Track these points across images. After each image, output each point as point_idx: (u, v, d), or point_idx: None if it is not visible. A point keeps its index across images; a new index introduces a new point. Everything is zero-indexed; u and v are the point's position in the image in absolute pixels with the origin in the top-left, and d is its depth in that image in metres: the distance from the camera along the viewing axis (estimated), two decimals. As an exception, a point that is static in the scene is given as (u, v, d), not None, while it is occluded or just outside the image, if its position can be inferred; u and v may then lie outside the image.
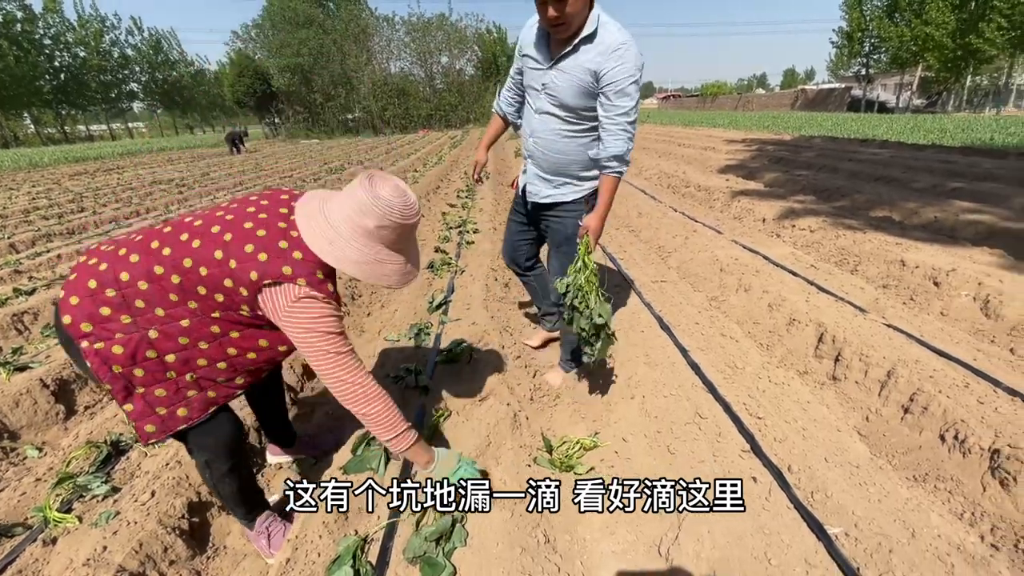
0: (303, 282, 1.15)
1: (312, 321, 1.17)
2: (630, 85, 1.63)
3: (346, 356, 1.23)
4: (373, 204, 1.15)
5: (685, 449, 1.72)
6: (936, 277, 3.12)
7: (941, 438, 1.80)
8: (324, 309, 1.18)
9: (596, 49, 1.64)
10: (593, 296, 1.84)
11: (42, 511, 1.60)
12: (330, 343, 1.20)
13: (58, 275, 4.29)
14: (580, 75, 1.68)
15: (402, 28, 34.53)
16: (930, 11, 26.15)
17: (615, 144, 1.71)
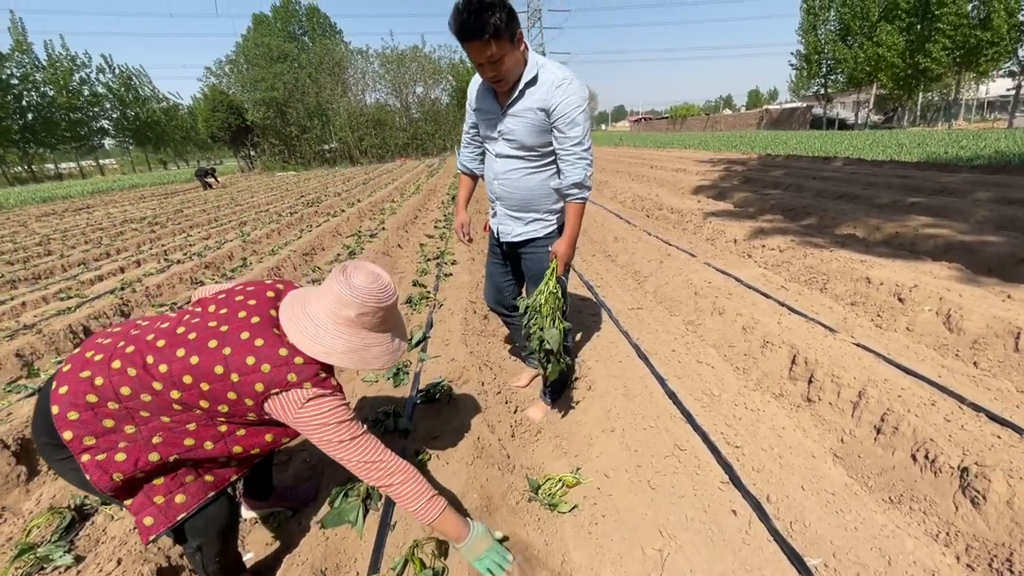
0: (309, 385, 1.18)
1: (324, 417, 1.20)
2: (579, 115, 1.72)
3: (361, 439, 1.26)
4: (350, 295, 1.19)
5: (666, 483, 1.73)
6: (900, 293, 3.22)
7: (913, 458, 1.84)
8: (332, 403, 1.21)
9: (541, 89, 1.73)
10: (548, 321, 1.91)
11: (-1, 588, 1.52)
12: (344, 432, 1.22)
13: (21, 324, 4.15)
14: (532, 116, 1.76)
15: (376, 60, 35.10)
16: (880, 33, 27.65)
17: (574, 172, 1.79)
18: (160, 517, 1.21)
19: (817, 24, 32.43)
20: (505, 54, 1.60)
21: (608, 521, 1.69)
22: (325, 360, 1.22)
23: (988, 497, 1.58)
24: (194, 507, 1.25)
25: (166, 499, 1.21)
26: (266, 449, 1.32)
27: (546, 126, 1.77)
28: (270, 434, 1.30)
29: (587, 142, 1.77)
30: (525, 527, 1.69)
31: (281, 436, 1.32)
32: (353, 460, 1.25)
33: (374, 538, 1.62)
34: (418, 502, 1.30)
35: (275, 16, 41.22)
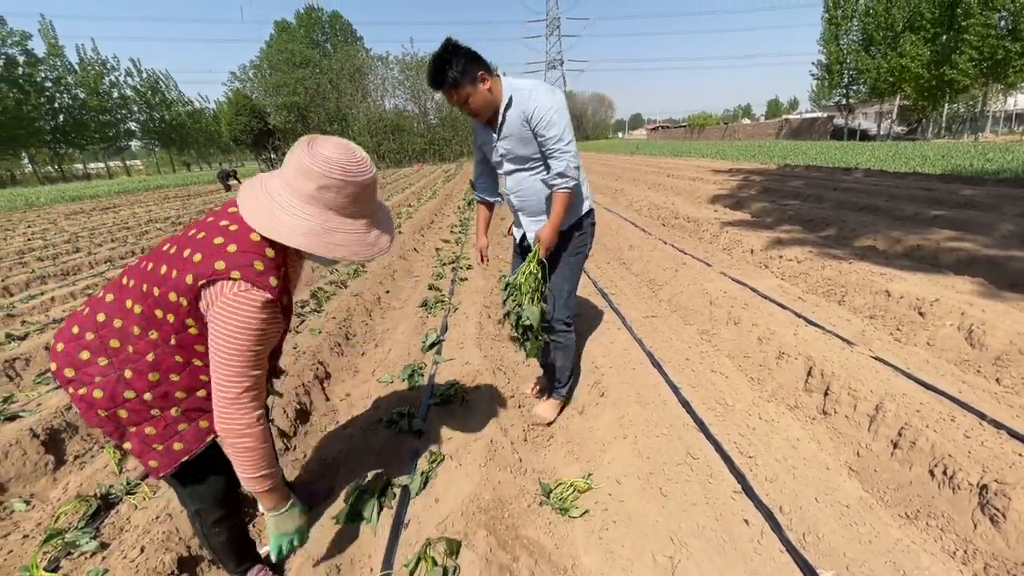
0: (237, 275, 1.05)
1: (238, 322, 1.06)
2: (552, 115, 1.87)
3: (246, 380, 1.10)
4: (311, 164, 1.03)
5: (677, 491, 1.73)
6: (920, 307, 3.17)
7: (931, 474, 1.82)
8: (255, 314, 1.06)
9: (517, 108, 1.93)
10: (527, 299, 2.10)
11: (28, 571, 1.57)
12: (242, 362, 1.08)
13: (51, 319, 4.29)
14: (518, 129, 1.96)
15: (396, 67, 35.55)
16: (904, 44, 27.24)
17: (557, 164, 1.94)
18: (163, 460, 1.20)
19: (839, 34, 32.06)
20: (469, 95, 1.85)
21: (619, 527, 1.69)
22: (277, 238, 1.07)
23: (1008, 515, 1.55)
24: (194, 450, 1.22)
25: (164, 446, 1.20)
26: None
27: (531, 135, 1.95)
28: None
29: (566, 137, 1.91)
30: (536, 530, 1.70)
31: None
32: (226, 400, 1.09)
33: (387, 535, 1.65)
34: (247, 473, 1.17)
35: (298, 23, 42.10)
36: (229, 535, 1.42)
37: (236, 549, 1.47)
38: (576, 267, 2.27)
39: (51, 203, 18.18)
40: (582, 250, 2.25)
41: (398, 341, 3.43)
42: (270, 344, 1.15)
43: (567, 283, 2.25)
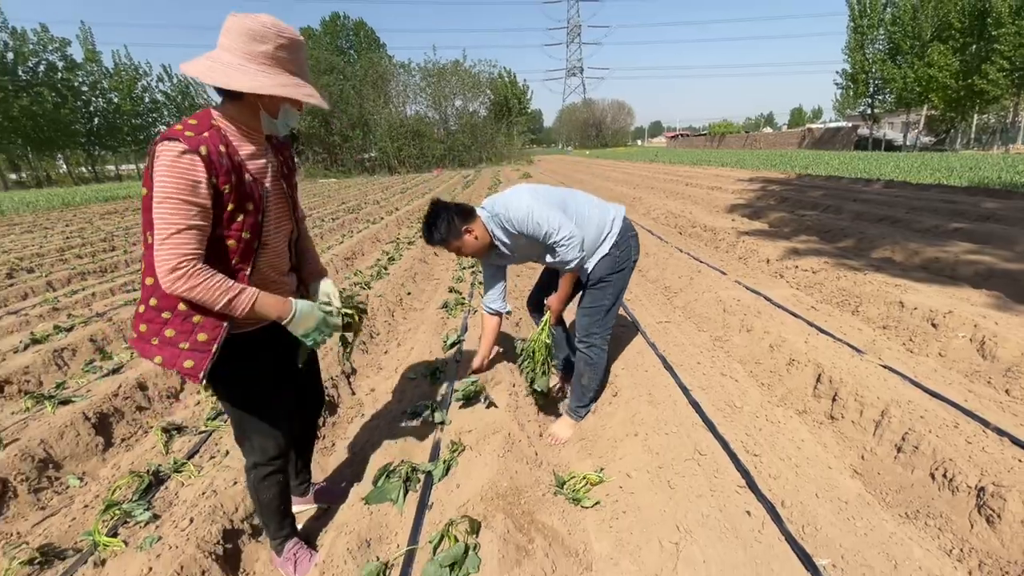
0: (170, 134, 1.16)
1: (162, 170, 1.13)
2: (531, 224, 2.03)
3: (182, 232, 1.16)
4: (264, 29, 1.18)
5: (684, 484, 1.83)
6: (934, 319, 3.21)
7: (931, 476, 1.89)
8: (175, 161, 1.13)
9: (509, 233, 2.12)
10: (540, 367, 2.35)
11: (91, 535, 1.75)
12: (169, 209, 1.14)
13: (94, 312, 4.55)
14: (522, 246, 2.18)
15: (418, 74, 36.16)
16: (932, 54, 26.79)
17: (561, 256, 2.09)
18: (194, 356, 1.27)
19: (864, 43, 31.67)
20: (460, 246, 2.11)
21: (628, 516, 1.80)
22: (259, 90, 1.19)
23: (1003, 516, 1.62)
24: (219, 336, 1.28)
25: (189, 342, 1.27)
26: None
27: (532, 238, 2.09)
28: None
29: (554, 229, 2.02)
30: (550, 516, 1.82)
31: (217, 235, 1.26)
32: (156, 237, 1.15)
33: (413, 515, 1.78)
34: (222, 301, 1.21)
35: (324, 30, 43.12)
36: (277, 491, 1.57)
37: (280, 509, 1.62)
38: (618, 281, 2.32)
39: (86, 203, 18.90)
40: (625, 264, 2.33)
41: (420, 340, 3.58)
42: (200, 210, 1.18)
43: (609, 298, 2.31)
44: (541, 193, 2.16)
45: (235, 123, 1.29)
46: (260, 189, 1.33)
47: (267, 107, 1.29)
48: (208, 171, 1.17)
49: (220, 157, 1.20)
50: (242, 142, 1.30)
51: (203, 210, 1.19)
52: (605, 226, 2.27)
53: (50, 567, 1.70)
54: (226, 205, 1.24)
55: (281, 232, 1.45)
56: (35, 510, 2.12)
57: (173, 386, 3.12)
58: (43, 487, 2.24)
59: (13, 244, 8.98)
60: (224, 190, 1.22)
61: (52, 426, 2.48)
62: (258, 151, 1.35)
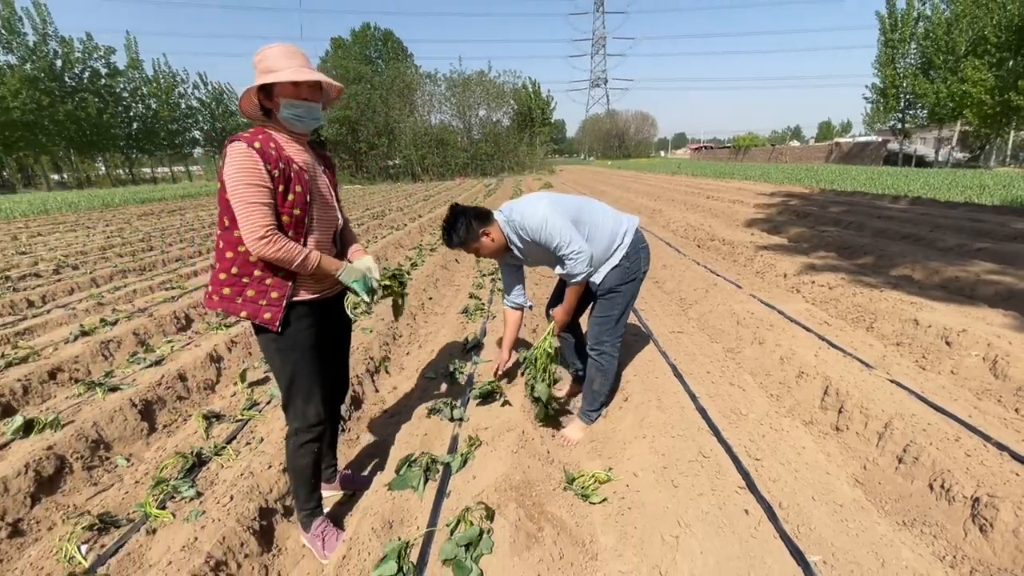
0: (234, 138, 1.49)
1: (230, 166, 1.46)
2: (544, 233, 2.15)
3: (256, 206, 1.47)
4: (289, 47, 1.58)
5: (687, 483, 1.94)
6: (948, 336, 3.24)
7: (930, 487, 1.95)
8: (239, 156, 1.45)
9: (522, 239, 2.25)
10: (540, 374, 2.40)
11: (143, 507, 1.93)
12: (245, 198, 1.46)
13: (136, 308, 4.84)
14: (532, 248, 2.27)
15: (443, 84, 36.80)
16: (966, 68, 26.21)
17: (568, 268, 2.22)
18: (271, 310, 1.59)
19: (895, 57, 31.14)
20: (478, 248, 2.25)
21: (633, 512, 1.91)
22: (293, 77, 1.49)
23: (995, 525, 1.69)
24: (286, 293, 1.60)
25: (266, 299, 1.59)
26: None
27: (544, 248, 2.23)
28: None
29: (564, 241, 2.14)
30: (559, 509, 1.94)
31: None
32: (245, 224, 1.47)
33: (432, 501, 1.93)
34: (299, 259, 1.55)
35: (353, 40, 44.25)
36: (311, 460, 1.76)
37: (311, 480, 1.80)
38: (628, 291, 2.42)
39: (124, 204, 19.74)
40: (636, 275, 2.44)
41: (440, 343, 3.74)
42: (267, 190, 1.49)
43: (618, 307, 2.42)
44: (558, 203, 2.24)
45: (277, 129, 1.61)
46: (306, 176, 1.61)
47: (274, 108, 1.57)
48: (263, 159, 1.48)
49: (270, 149, 1.51)
50: (288, 143, 1.61)
51: (268, 190, 1.50)
52: (617, 237, 2.37)
53: (107, 533, 1.89)
54: (278, 187, 1.52)
55: (327, 215, 1.73)
56: (88, 485, 2.33)
57: (209, 378, 3.33)
58: (95, 465, 2.45)
59: (58, 242, 9.49)
60: (275, 174, 1.51)
61: (103, 411, 2.71)
62: (303, 150, 1.66)
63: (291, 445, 1.75)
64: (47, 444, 2.36)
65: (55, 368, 3.37)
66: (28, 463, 2.21)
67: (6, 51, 32.74)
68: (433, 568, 1.60)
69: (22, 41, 33.28)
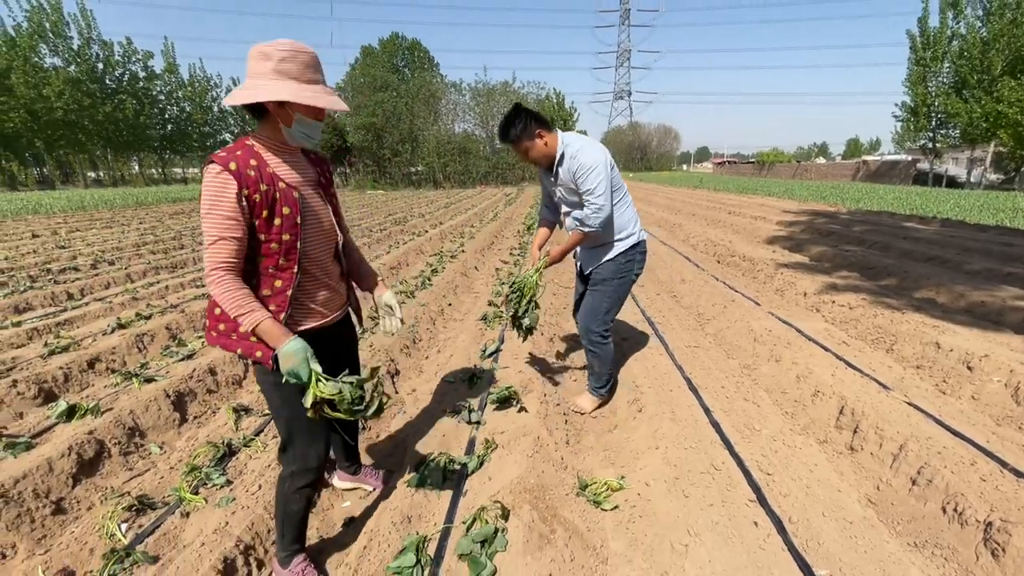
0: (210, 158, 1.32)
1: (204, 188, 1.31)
2: (589, 175, 2.30)
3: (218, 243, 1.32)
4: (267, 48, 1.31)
5: (698, 494, 1.98)
6: (969, 362, 3.21)
7: (943, 510, 1.96)
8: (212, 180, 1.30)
9: (566, 164, 2.39)
10: (524, 301, 2.59)
11: (178, 492, 2.05)
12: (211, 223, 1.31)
13: (168, 303, 5.04)
14: (568, 182, 2.42)
15: (468, 93, 37.34)
16: (1002, 89, 25.62)
17: (584, 215, 2.40)
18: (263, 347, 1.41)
19: (927, 76, 30.58)
20: (528, 149, 2.35)
21: (644, 520, 1.96)
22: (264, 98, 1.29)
23: (1007, 550, 1.70)
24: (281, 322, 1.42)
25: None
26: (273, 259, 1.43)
27: (577, 186, 2.39)
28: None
29: (597, 192, 2.32)
30: (572, 513, 2.00)
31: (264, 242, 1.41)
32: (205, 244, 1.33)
33: (449, 499, 2.00)
34: (234, 313, 1.36)
35: (382, 48, 45.24)
36: (304, 504, 1.63)
37: (299, 524, 1.66)
38: (617, 289, 2.65)
39: (157, 202, 20.42)
40: (626, 275, 2.64)
41: (459, 348, 3.83)
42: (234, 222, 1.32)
43: (607, 301, 2.66)
44: (610, 164, 2.40)
45: (265, 140, 1.43)
46: (295, 194, 1.44)
47: (282, 118, 1.39)
48: (239, 183, 1.31)
49: (248, 169, 1.34)
50: (274, 156, 1.44)
51: (236, 222, 1.33)
52: (625, 232, 2.59)
53: (144, 514, 2.01)
54: (260, 212, 1.37)
55: (322, 235, 1.56)
56: (124, 470, 2.46)
57: (237, 373, 3.47)
58: (131, 451, 2.59)
59: (95, 237, 9.89)
60: (256, 199, 1.35)
61: (139, 400, 2.85)
62: (292, 162, 1.49)
63: (285, 488, 1.60)
64: (88, 429, 2.51)
65: (93, 358, 3.55)
66: (71, 446, 2.36)
67: (53, 54, 34.31)
68: (449, 562, 1.67)
69: (67, 44, 34.85)
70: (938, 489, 2.03)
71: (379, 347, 3.67)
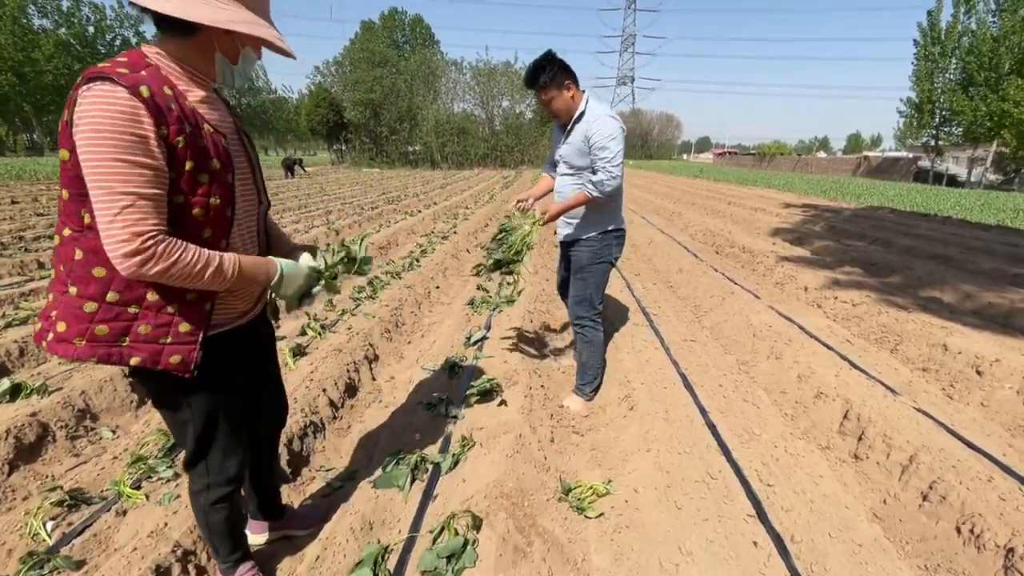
0: (97, 72, 0.93)
1: (94, 121, 0.90)
2: (608, 141, 2.24)
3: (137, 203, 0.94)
4: None
5: (691, 506, 1.80)
6: (979, 366, 3.05)
7: (957, 530, 1.79)
8: (110, 109, 0.90)
9: (585, 124, 2.31)
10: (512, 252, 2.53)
11: (117, 486, 1.85)
12: (113, 173, 0.91)
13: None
14: (578, 142, 2.34)
15: (469, 72, 36.55)
16: (1009, 87, 25.31)
17: (598, 175, 2.31)
18: (182, 349, 1.10)
19: (934, 71, 30.18)
20: (553, 98, 2.28)
21: (631, 532, 1.78)
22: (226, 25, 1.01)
23: (1032, 581, 1.53)
24: (203, 321, 1.12)
25: (171, 335, 1.09)
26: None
27: (587, 150, 2.32)
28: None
29: (615, 160, 2.26)
30: (552, 522, 1.82)
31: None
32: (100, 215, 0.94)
33: (417, 504, 1.81)
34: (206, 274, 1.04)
35: (382, 24, 44.15)
36: (228, 513, 1.37)
37: (230, 534, 1.42)
38: (597, 274, 2.59)
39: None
40: (604, 259, 2.57)
41: (443, 334, 3.62)
42: (155, 165, 0.96)
43: (591, 287, 2.59)
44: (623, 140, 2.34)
45: (180, 64, 1.06)
46: (223, 142, 1.11)
47: (226, 49, 1.09)
48: (155, 119, 0.94)
49: (167, 100, 0.98)
50: (190, 85, 1.08)
51: (157, 172, 0.96)
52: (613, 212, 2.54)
53: (77, 510, 1.81)
54: (184, 163, 1.00)
55: (249, 201, 1.24)
56: (69, 456, 2.25)
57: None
58: (79, 435, 2.38)
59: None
60: (177, 143, 0.98)
61: (92, 379, 2.64)
62: (212, 100, 1.14)
63: (200, 502, 1.33)
64: (32, 411, 2.30)
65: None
66: (9, 429, 2.14)
67: (41, 15, 33.24)
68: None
69: (56, 4, 33.76)
70: (952, 507, 1.86)
71: (357, 329, 3.46)
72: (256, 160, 1.31)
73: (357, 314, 3.80)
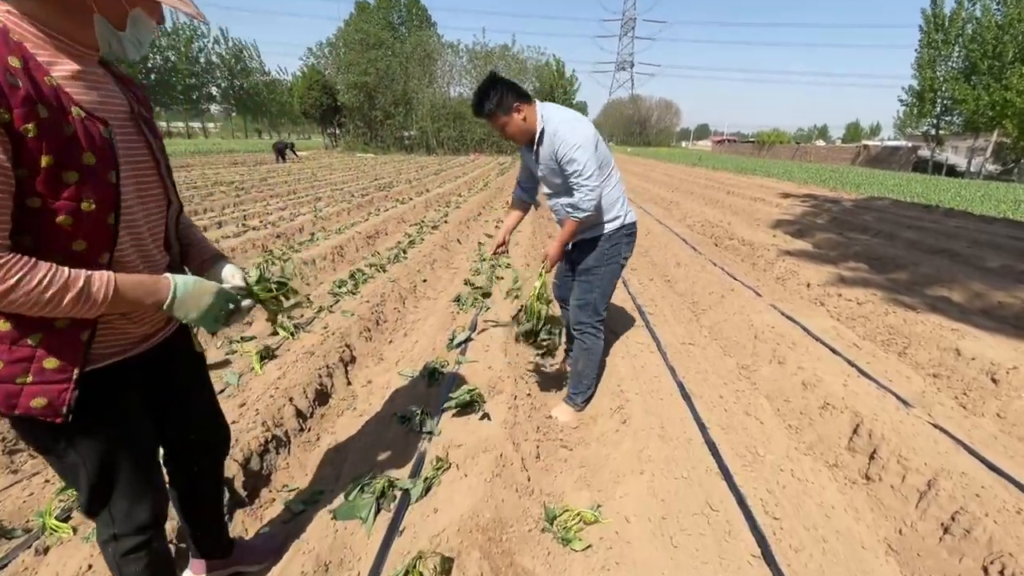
0: None
1: None
2: (574, 153, 2.05)
3: None
4: None
5: (689, 544, 1.60)
6: (995, 373, 2.86)
7: (984, 570, 1.61)
8: None
9: (547, 141, 2.14)
10: (540, 321, 2.40)
11: (42, 517, 1.63)
12: None
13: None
14: (548, 162, 2.18)
15: (465, 55, 35.84)
16: (1011, 76, 24.99)
17: (574, 197, 2.14)
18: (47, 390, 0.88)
19: (936, 59, 29.76)
20: (505, 124, 2.11)
21: (621, 570, 1.59)
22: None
23: (1074, 638, 1.35)
24: (79, 354, 0.91)
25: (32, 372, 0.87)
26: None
27: (559, 167, 2.14)
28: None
29: (585, 172, 2.07)
30: (533, 559, 1.62)
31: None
32: None
33: (381, 539, 1.61)
34: (66, 299, 0.82)
35: (377, 3, 43.14)
36: (148, 562, 1.15)
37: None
38: (605, 277, 2.39)
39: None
40: (613, 261, 2.38)
41: (426, 334, 3.41)
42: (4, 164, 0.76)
43: (596, 291, 2.40)
44: (597, 139, 2.17)
45: (41, 28, 0.82)
46: (100, 129, 0.87)
47: (106, 9, 0.86)
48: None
49: (13, 75, 0.75)
50: (57, 56, 0.84)
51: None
52: (611, 211, 2.32)
53: (-5, 546, 1.59)
54: (38, 157, 0.78)
55: (148, 204, 1.01)
56: (7, 473, 2.04)
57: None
58: (19, 448, 2.16)
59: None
60: (26, 131, 0.76)
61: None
62: (92, 77, 0.90)
63: (110, 554, 1.12)
64: (-38, 423, 2.08)
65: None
66: (-68, 445, 1.93)
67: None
68: (366, 638, 1.28)
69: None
70: (978, 543, 1.67)
71: (334, 328, 3.24)
72: (161, 152, 1.06)
73: (335, 311, 3.57)
